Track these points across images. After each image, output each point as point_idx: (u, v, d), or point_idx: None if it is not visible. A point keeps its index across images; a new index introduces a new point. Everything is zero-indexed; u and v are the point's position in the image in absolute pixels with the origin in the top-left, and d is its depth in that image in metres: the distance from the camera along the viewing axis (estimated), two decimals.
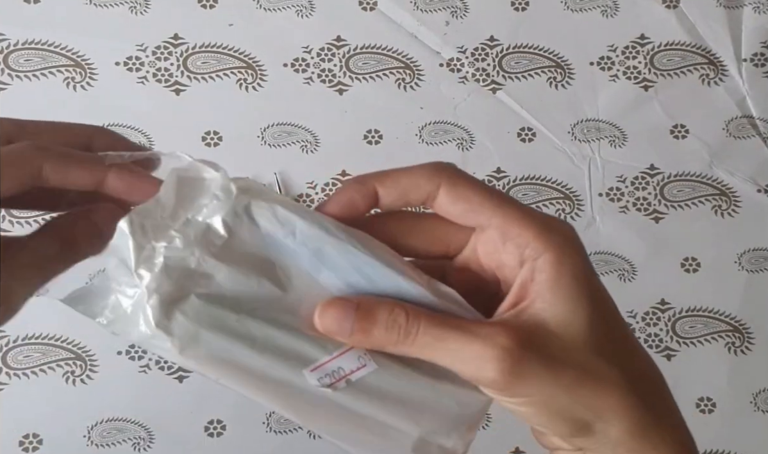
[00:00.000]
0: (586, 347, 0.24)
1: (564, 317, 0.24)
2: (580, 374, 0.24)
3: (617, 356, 0.25)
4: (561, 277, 0.24)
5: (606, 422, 0.24)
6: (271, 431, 0.63)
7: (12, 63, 0.64)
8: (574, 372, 0.24)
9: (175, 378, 0.63)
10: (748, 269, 0.66)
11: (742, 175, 0.67)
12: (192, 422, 0.63)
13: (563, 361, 0.24)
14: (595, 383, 0.24)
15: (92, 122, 0.71)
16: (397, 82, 0.67)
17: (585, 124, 0.67)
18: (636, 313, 0.66)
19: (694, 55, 0.68)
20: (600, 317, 0.25)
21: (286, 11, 0.66)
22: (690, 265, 0.66)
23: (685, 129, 0.67)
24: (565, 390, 0.24)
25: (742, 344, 0.66)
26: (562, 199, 0.66)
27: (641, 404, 0.25)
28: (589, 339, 0.24)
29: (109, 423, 0.62)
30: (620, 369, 0.25)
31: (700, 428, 0.65)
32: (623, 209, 0.67)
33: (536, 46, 0.68)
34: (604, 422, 0.24)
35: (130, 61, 0.65)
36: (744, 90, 0.68)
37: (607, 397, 0.24)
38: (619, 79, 0.68)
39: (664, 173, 0.67)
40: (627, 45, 0.68)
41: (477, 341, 0.23)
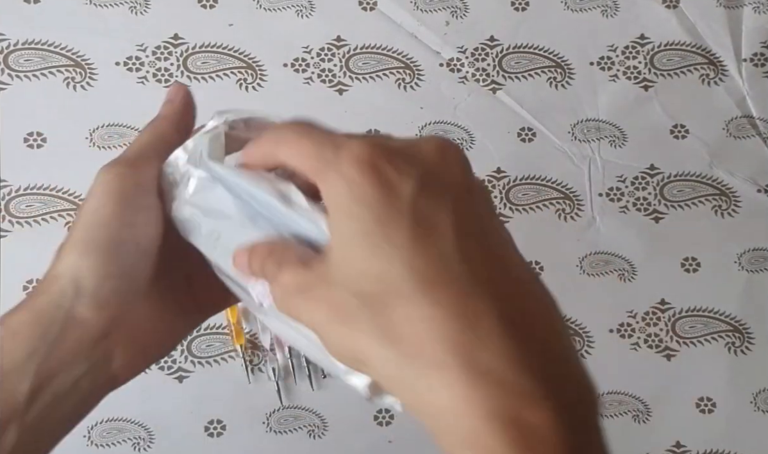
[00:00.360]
0: (343, 285, 0.23)
1: (337, 254, 0.23)
2: (331, 314, 0.23)
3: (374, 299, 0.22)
4: (334, 219, 0.23)
5: (369, 369, 0.23)
6: (271, 431, 0.63)
7: (12, 63, 0.64)
8: (327, 311, 0.23)
9: (175, 378, 0.63)
10: (748, 269, 0.66)
11: (742, 175, 0.67)
12: (192, 422, 0.63)
13: (318, 298, 0.24)
14: (345, 326, 0.23)
15: (92, 122, 0.71)
16: (397, 82, 0.67)
17: (585, 124, 0.67)
18: (636, 313, 0.66)
19: (694, 55, 0.68)
20: (371, 255, 0.22)
21: (286, 11, 0.66)
22: (690, 265, 0.66)
23: (685, 129, 0.67)
24: (320, 329, 0.24)
25: (742, 344, 0.66)
26: (562, 199, 0.66)
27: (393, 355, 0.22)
28: (348, 276, 0.23)
29: (109, 423, 0.62)
30: (371, 315, 0.22)
31: (700, 428, 0.65)
32: (623, 209, 0.67)
33: (536, 46, 0.68)
34: (368, 368, 0.23)
35: (130, 61, 0.65)
36: (744, 90, 0.68)
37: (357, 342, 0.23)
38: (619, 79, 0.68)
39: (664, 173, 0.67)
40: (627, 45, 0.68)
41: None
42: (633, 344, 0.66)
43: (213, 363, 0.63)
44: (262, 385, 0.63)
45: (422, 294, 0.21)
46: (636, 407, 0.65)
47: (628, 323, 0.66)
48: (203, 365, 0.63)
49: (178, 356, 0.63)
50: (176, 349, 0.63)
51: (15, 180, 0.63)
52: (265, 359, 0.64)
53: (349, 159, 0.22)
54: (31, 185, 0.63)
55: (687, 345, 0.66)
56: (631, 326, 0.66)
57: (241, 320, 0.63)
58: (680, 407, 0.65)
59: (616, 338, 0.66)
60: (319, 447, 0.64)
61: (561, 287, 0.65)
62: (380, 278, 0.22)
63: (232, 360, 0.63)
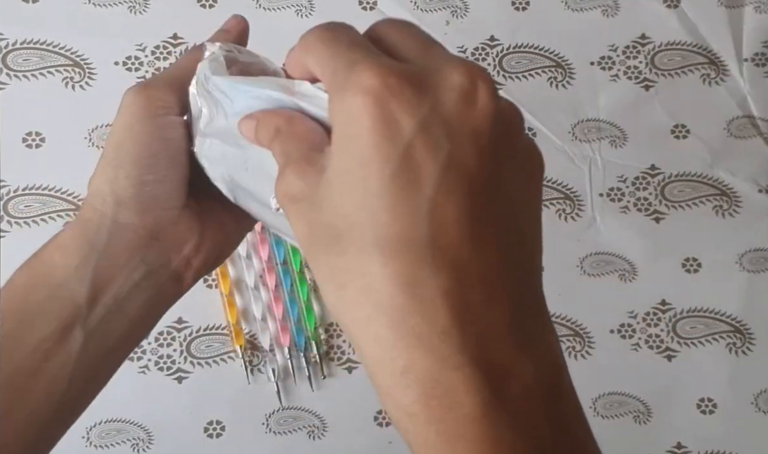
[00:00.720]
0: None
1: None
2: (305, 234, 0.23)
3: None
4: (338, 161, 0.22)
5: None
6: (270, 432, 0.63)
7: (10, 62, 0.63)
8: (304, 229, 0.23)
9: (174, 379, 0.63)
10: (749, 270, 0.66)
11: (743, 176, 0.67)
12: (191, 422, 0.63)
13: (301, 214, 0.23)
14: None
15: (91, 122, 0.71)
16: None
17: (585, 124, 0.67)
18: (636, 313, 0.66)
19: (695, 55, 0.68)
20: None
21: (285, 11, 0.66)
22: (691, 265, 0.66)
23: (686, 129, 0.67)
24: (299, 243, 0.23)
25: (743, 344, 0.66)
26: (563, 199, 0.66)
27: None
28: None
29: (108, 424, 0.62)
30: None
31: (701, 429, 0.65)
32: (624, 209, 0.67)
33: (537, 45, 0.67)
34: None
35: (129, 61, 0.65)
36: (745, 90, 0.67)
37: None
38: (620, 79, 0.67)
39: (664, 173, 0.67)
40: (628, 45, 0.68)
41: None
42: (634, 344, 0.65)
43: (212, 364, 0.63)
44: (261, 386, 0.63)
45: (376, 250, 0.20)
46: (636, 408, 0.65)
47: (628, 323, 0.66)
48: (202, 366, 0.63)
49: (177, 356, 0.63)
50: (177, 353, 0.63)
51: (13, 180, 0.63)
52: (265, 359, 0.63)
53: (356, 87, 0.20)
54: (30, 185, 0.63)
55: (688, 346, 0.66)
56: (631, 327, 0.66)
57: (240, 321, 0.63)
58: (681, 407, 0.65)
59: (617, 339, 0.66)
60: (319, 448, 0.64)
61: (561, 287, 0.65)
62: (347, 220, 0.21)
63: (232, 361, 0.63)
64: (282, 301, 0.63)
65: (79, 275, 0.30)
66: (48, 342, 0.30)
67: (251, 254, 0.64)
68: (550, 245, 0.75)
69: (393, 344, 0.20)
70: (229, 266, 0.64)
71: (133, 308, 0.31)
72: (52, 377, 0.30)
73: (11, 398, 0.29)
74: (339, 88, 0.21)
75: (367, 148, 0.20)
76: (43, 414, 0.30)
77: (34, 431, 0.30)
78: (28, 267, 0.31)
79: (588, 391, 0.65)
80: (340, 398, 0.64)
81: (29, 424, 0.30)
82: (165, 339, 0.63)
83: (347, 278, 0.21)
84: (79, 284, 0.30)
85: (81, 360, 0.30)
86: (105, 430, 0.62)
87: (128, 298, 0.31)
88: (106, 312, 0.30)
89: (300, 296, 0.64)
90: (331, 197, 0.21)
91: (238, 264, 0.64)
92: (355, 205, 0.21)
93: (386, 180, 0.20)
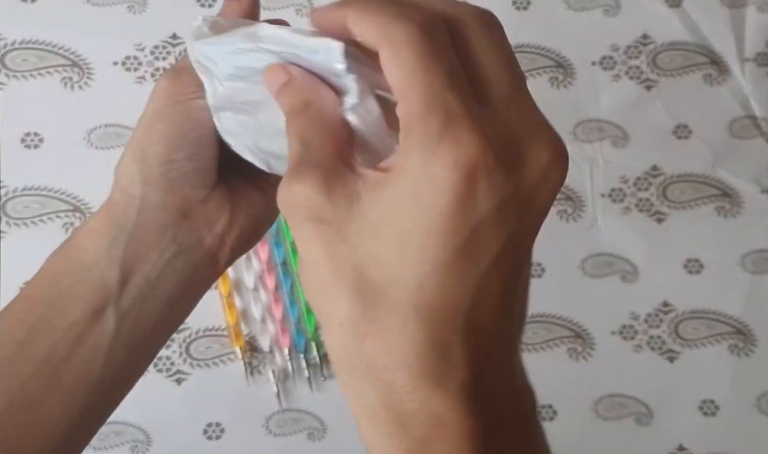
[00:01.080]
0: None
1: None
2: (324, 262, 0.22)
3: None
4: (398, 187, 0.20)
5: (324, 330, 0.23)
6: (270, 434, 0.63)
7: (9, 63, 0.63)
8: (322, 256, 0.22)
9: (173, 381, 0.63)
10: (751, 271, 0.66)
11: (745, 176, 0.66)
12: (190, 424, 0.62)
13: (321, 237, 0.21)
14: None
15: (90, 123, 0.70)
16: None
17: (587, 124, 0.67)
18: (638, 315, 0.65)
19: (697, 55, 0.68)
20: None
21: (285, 10, 0.66)
22: (693, 266, 0.66)
23: (687, 129, 0.67)
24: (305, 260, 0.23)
25: (746, 346, 0.65)
26: (564, 199, 0.66)
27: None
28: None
29: (107, 426, 0.61)
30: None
31: (703, 431, 0.64)
32: (625, 210, 0.66)
33: (537, 45, 0.67)
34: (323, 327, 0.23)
35: (128, 61, 0.64)
36: (747, 90, 0.67)
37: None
38: (622, 79, 0.67)
39: (666, 174, 0.67)
40: (629, 45, 0.67)
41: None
42: (635, 346, 0.65)
43: (212, 365, 0.63)
44: (261, 387, 0.63)
45: (414, 312, 0.20)
46: (638, 410, 0.65)
47: (630, 324, 0.65)
48: (202, 368, 0.63)
49: (176, 358, 0.63)
50: (177, 354, 0.63)
51: (12, 181, 0.62)
52: (265, 361, 0.63)
53: (449, 157, 0.19)
54: (28, 186, 0.62)
55: (690, 347, 0.65)
56: (633, 328, 0.65)
57: (240, 322, 0.63)
58: (683, 409, 0.65)
59: (619, 340, 0.65)
60: (319, 450, 0.63)
61: (562, 288, 0.65)
62: (386, 273, 0.20)
63: (231, 362, 0.63)
64: (282, 302, 0.63)
65: (108, 256, 0.30)
66: (80, 325, 0.29)
67: (251, 255, 0.64)
68: (552, 246, 0.74)
69: (409, 390, 0.20)
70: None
71: (166, 289, 0.31)
72: (86, 359, 0.29)
73: (44, 383, 0.29)
74: (426, 144, 0.20)
75: (438, 218, 0.20)
76: (78, 399, 0.30)
77: (70, 417, 0.30)
78: (59, 254, 0.31)
79: (589, 392, 0.65)
80: (340, 399, 0.63)
81: (65, 409, 0.30)
82: None
83: (371, 329, 0.21)
84: (109, 266, 0.30)
85: (115, 343, 0.30)
86: (103, 432, 0.61)
87: (161, 278, 0.31)
88: (138, 293, 0.30)
89: (300, 297, 0.64)
90: (373, 244, 0.21)
91: (238, 265, 0.64)
92: (402, 265, 0.20)
93: (448, 252, 0.20)
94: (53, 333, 0.29)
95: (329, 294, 0.21)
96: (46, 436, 0.29)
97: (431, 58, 0.20)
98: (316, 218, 0.21)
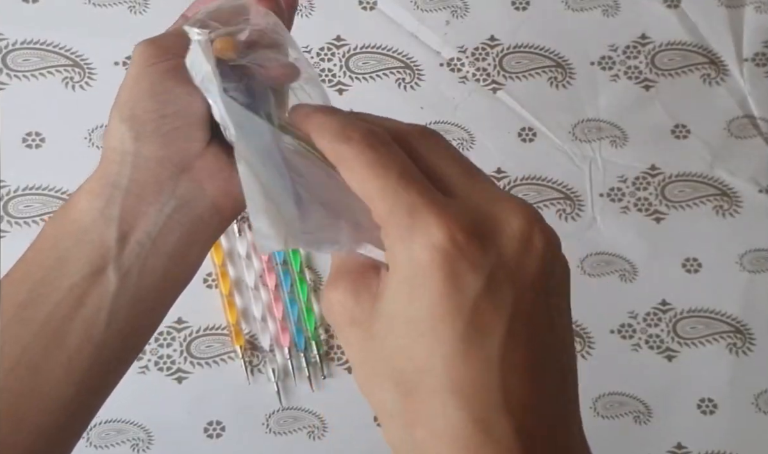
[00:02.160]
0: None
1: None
2: (362, 361, 0.24)
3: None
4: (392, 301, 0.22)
5: (381, 421, 0.24)
6: (270, 433, 0.63)
7: (10, 63, 0.63)
8: (359, 357, 0.24)
9: (174, 379, 0.63)
10: (749, 270, 0.66)
11: (743, 176, 0.67)
12: (191, 423, 0.63)
13: (356, 339, 0.24)
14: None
15: (91, 122, 0.70)
16: (397, 82, 0.66)
17: (586, 124, 0.67)
18: (637, 314, 0.66)
19: (696, 55, 0.68)
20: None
21: None
22: (691, 265, 0.66)
23: (686, 129, 0.67)
24: (352, 362, 0.24)
25: (744, 344, 0.66)
26: (563, 199, 0.66)
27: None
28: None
29: (108, 424, 0.62)
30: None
31: (702, 430, 0.65)
32: (624, 210, 0.66)
33: (537, 45, 0.67)
34: (379, 419, 0.24)
35: (129, 61, 0.64)
36: (745, 90, 0.67)
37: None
38: (620, 79, 0.67)
39: (665, 173, 0.67)
40: (628, 45, 0.68)
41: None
42: (634, 344, 0.65)
43: (212, 364, 0.63)
44: (261, 386, 0.63)
45: (450, 394, 0.21)
46: (637, 409, 0.65)
47: (629, 323, 0.66)
48: (202, 366, 0.63)
49: (177, 356, 0.63)
50: (177, 353, 0.63)
51: (13, 180, 0.63)
52: (265, 359, 0.63)
53: (424, 241, 0.21)
54: (30, 185, 0.63)
55: (688, 346, 0.66)
56: (632, 327, 0.66)
57: (240, 321, 0.63)
58: (681, 408, 0.65)
59: (617, 339, 0.65)
60: (319, 448, 0.64)
61: None
62: (417, 365, 0.22)
63: (232, 361, 0.63)
64: (282, 301, 0.63)
65: (105, 215, 0.29)
66: (80, 287, 0.29)
67: (251, 254, 0.64)
68: None
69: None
70: (229, 266, 0.64)
71: (170, 243, 0.30)
72: (88, 320, 0.29)
73: (46, 345, 0.29)
74: (402, 237, 0.22)
75: (437, 300, 0.21)
76: (83, 360, 0.29)
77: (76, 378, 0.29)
78: (56, 217, 0.31)
79: (588, 391, 0.65)
80: (340, 398, 0.64)
81: (70, 371, 0.29)
82: (165, 339, 0.63)
83: (417, 419, 0.22)
84: (106, 225, 0.29)
85: (118, 301, 0.30)
86: (105, 430, 0.62)
87: (163, 233, 0.30)
88: (140, 250, 0.30)
89: (300, 297, 0.64)
90: (395, 337, 0.22)
91: (238, 264, 0.64)
92: (426, 351, 0.21)
93: (458, 331, 0.21)
94: (53, 296, 0.29)
95: (374, 389, 0.23)
96: (51, 399, 0.29)
97: (379, 165, 0.22)
98: (350, 321, 0.24)
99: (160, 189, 0.30)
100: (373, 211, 0.23)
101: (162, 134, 0.30)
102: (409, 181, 0.22)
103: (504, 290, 0.21)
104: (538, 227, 0.22)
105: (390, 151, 0.23)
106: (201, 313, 0.63)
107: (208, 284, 0.64)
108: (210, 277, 0.64)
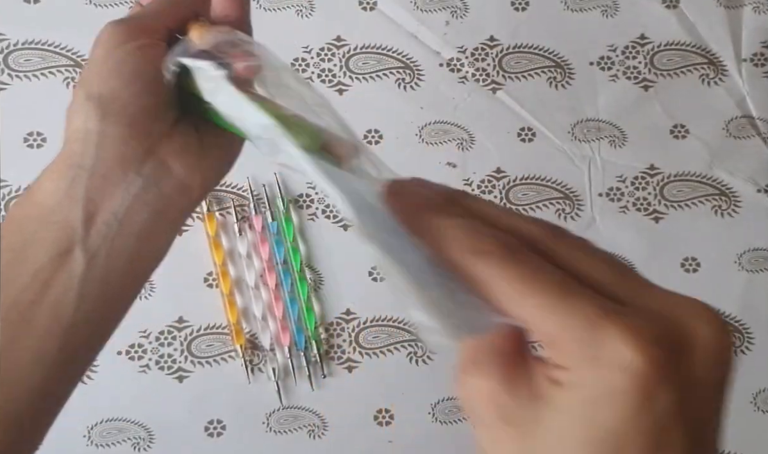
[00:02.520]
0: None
1: None
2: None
3: None
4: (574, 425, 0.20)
5: None
6: (271, 432, 0.63)
7: (12, 63, 0.64)
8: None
9: (175, 378, 0.63)
10: (748, 269, 0.66)
11: (742, 175, 0.67)
12: (192, 422, 0.63)
13: (512, 440, 0.21)
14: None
15: None
16: (397, 82, 0.67)
17: (585, 124, 0.67)
18: None
19: (694, 55, 0.68)
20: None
21: (286, 11, 0.66)
22: (690, 265, 0.66)
23: (685, 129, 0.67)
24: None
25: (742, 344, 0.66)
26: (562, 199, 0.66)
27: None
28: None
29: (109, 423, 0.62)
30: None
31: None
32: (623, 209, 0.67)
33: (536, 46, 0.68)
34: None
35: None
36: (744, 90, 0.68)
37: None
38: (619, 79, 0.68)
39: (664, 173, 0.67)
40: (627, 45, 0.68)
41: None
42: None
43: (213, 363, 0.63)
44: (261, 385, 0.63)
45: None
46: None
47: None
48: (203, 365, 0.63)
49: (177, 356, 0.63)
50: (178, 352, 0.63)
51: (15, 180, 0.63)
52: (265, 359, 0.64)
53: (614, 363, 0.19)
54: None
55: None
56: None
57: (240, 320, 0.64)
58: None
59: None
60: (319, 447, 0.64)
61: None
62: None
63: (232, 360, 0.63)
64: (282, 300, 0.64)
65: (70, 196, 0.29)
66: (46, 270, 0.28)
67: (252, 253, 0.64)
68: None
69: None
70: (230, 265, 0.64)
71: (137, 223, 0.30)
72: (55, 303, 0.28)
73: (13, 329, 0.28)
74: (585, 357, 0.19)
75: (624, 421, 0.19)
76: (52, 343, 0.29)
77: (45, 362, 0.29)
78: (20, 201, 0.30)
79: None
80: (341, 397, 0.64)
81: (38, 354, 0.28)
82: (165, 338, 0.63)
83: None
84: (71, 206, 0.29)
85: (87, 283, 0.29)
86: (106, 429, 0.62)
87: (130, 213, 0.30)
88: (107, 230, 0.29)
89: (300, 296, 0.64)
90: (558, 450, 0.20)
91: (239, 264, 0.64)
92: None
93: (638, 451, 0.19)
94: (19, 280, 0.28)
95: None
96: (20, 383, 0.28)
97: (532, 280, 0.20)
98: (503, 419, 0.21)
99: (126, 169, 0.29)
100: (533, 328, 0.20)
101: (128, 114, 0.29)
102: (573, 292, 0.20)
103: (693, 410, 0.20)
104: (727, 334, 0.20)
105: (532, 261, 0.21)
106: (201, 312, 0.63)
107: (209, 284, 0.64)
108: (210, 276, 0.64)
